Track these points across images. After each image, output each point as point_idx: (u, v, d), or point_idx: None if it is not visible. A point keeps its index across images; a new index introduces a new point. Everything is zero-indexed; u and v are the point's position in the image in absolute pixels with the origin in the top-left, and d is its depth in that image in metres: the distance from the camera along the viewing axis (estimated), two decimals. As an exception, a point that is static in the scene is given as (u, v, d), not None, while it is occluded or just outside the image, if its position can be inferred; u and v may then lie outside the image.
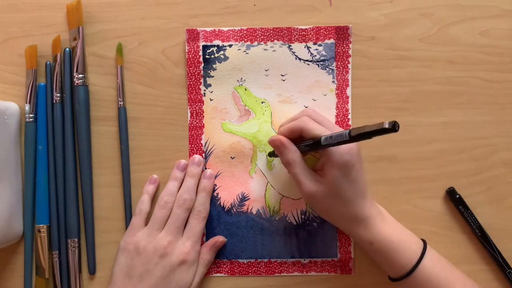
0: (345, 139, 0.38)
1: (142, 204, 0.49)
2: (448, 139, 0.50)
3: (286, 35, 0.50)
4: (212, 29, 0.50)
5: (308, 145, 0.43)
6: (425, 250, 0.44)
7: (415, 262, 0.43)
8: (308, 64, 0.50)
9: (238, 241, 0.50)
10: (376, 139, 0.49)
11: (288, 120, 0.47)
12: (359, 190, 0.43)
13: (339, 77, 0.50)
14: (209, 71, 0.50)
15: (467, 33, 0.50)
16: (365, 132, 0.35)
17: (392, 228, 0.44)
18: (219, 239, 0.50)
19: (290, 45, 0.50)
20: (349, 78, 0.50)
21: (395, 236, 0.44)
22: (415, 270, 0.43)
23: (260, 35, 0.50)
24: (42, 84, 0.50)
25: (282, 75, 0.50)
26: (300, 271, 0.50)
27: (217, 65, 0.50)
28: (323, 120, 0.45)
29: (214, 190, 0.50)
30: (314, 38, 0.50)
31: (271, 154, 0.49)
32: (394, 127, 0.33)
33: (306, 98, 0.50)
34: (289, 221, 0.50)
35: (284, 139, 0.44)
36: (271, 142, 0.45)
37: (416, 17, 0.50)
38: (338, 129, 0.43)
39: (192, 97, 0.50)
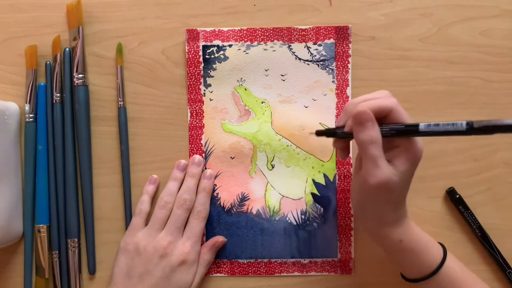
0: (459, 129, 0.35)
1: (142, 204, 0.49)
2: (448, 139, 0.50)
3: (286, 35, 0.50)
4: (212, 29, 0.50)
5: (395, 129, 0.38)
6: (446, 250, 0.44)
7: (440, 262, 0.43)
8: (308, 64, 0.50)
9: (238, 241, 0.50)
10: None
11: (366, 98, 0.41)
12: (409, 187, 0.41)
13: (339, 77, 0.50)
14: (209, 71, 0.50)
15: (467, 33, 0.50)
16: (492, 125, 0.33)
17: (418, 227, 0.44)
18: (219, 239, 0.50)
19: (290, 45, 0.50)
20: (349, 78, 0.50)
21: (423, 235, 0.43)
22: (440, 269, 0.42)
23: (260, 35, 0.50)
24: (42, 84, 0.50)
25: (282, 75, 0.50)
26: (300, 271, 0.50)
27: (217, 65, 0.50)
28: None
29: (214, 190, 0.50)
30: (314, 38, 0.50)
31: (320, 133, 0.44)
32: None
33: (306, 98, 0.50)
34: (289, 221, 0.50)
35: (372, 114, 0.38)
36: (359, 114, 0.38)
37: (416, 17, 0.50)
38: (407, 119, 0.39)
39: (192, 97, 0.50)
